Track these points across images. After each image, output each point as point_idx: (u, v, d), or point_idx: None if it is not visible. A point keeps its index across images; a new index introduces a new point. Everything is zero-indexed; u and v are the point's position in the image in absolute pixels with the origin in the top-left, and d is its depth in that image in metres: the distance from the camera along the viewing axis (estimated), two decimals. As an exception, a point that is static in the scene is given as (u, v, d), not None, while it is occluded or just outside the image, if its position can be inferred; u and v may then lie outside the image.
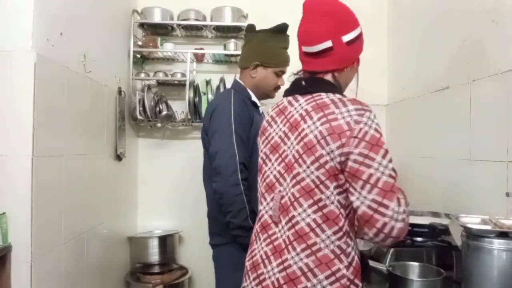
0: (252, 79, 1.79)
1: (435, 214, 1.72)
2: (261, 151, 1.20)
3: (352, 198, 1.00)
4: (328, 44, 1.08)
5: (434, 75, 1.97)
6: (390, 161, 0.99)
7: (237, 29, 2.49)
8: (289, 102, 1.14)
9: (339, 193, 1.02)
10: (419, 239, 1.53)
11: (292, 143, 1.08)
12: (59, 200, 1.60)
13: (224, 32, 2.57)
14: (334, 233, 1.01)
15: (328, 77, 1.12)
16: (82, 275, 1.82)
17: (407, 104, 2.31)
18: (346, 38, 1.09)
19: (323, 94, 1.07)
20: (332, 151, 0.99)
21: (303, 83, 1.13)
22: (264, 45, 1.76)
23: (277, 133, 1.14)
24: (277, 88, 1.84)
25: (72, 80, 1.69)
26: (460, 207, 1.65)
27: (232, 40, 2.49)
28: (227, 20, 2.45)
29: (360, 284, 1.05)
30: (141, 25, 2.53)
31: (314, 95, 1.09)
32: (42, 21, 1.45)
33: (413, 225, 1.54)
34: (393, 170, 0.99)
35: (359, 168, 0.97)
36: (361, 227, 1.03)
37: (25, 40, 1.39)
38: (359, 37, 1.13)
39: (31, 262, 1.38)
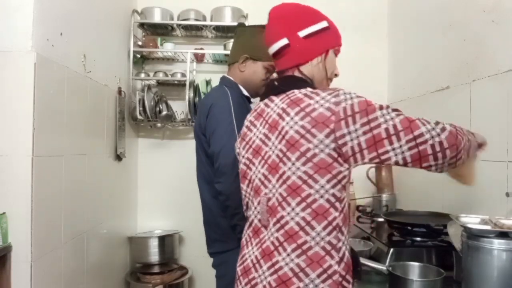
0: (241, 73, 1.70)
1: (435, 214, 1.72)
2: (243, 156, 1.18)
3: (390, 155, 0.99)
4: (284, 41, 1.12)
5: (434, 75, 1.97)
6: (387, 107, 1.01)
7: (237, 29, 2.49)
8: (266, 104, 1.15)
9: (333, 186, 1.00)
10: (419, 239, 1.53)
11: (273, 143, 1.07)
12: (59, 200, 1.60)
13: (224, 32, 2.57)
14: (324, 228, 0.99)
15: (296, 73, 1.15)
16: (82, 275, 1.82)
17: (407, 104, 2.31)
18: (303, 33, 1.12)
19: (296, 91, 1.08)
20: (321, 141, 0.98)
21: (276, 83, 1.16)
22: (254, 38, 1.68)
23: (257, 136, 1.14)
24: None
25: (72, 80, 1.69)
26: (460, 207, 1.65)
27: (232, 40, 2.48)
28: (227, 20, 2.45)
29: (351, 280, 1.03)
30: (141, 25, 2.54)
31: (288, 93, 1.10)
32: (42, 21, 1.45)
33: (412, 225, 1.55)
34: (394, 109, 1.01)
35: (374, 134, 0.97)
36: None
37: (25, 40, 1.39)
38: (321, 31, 1.14)
39: (31, 262, 1.38)
